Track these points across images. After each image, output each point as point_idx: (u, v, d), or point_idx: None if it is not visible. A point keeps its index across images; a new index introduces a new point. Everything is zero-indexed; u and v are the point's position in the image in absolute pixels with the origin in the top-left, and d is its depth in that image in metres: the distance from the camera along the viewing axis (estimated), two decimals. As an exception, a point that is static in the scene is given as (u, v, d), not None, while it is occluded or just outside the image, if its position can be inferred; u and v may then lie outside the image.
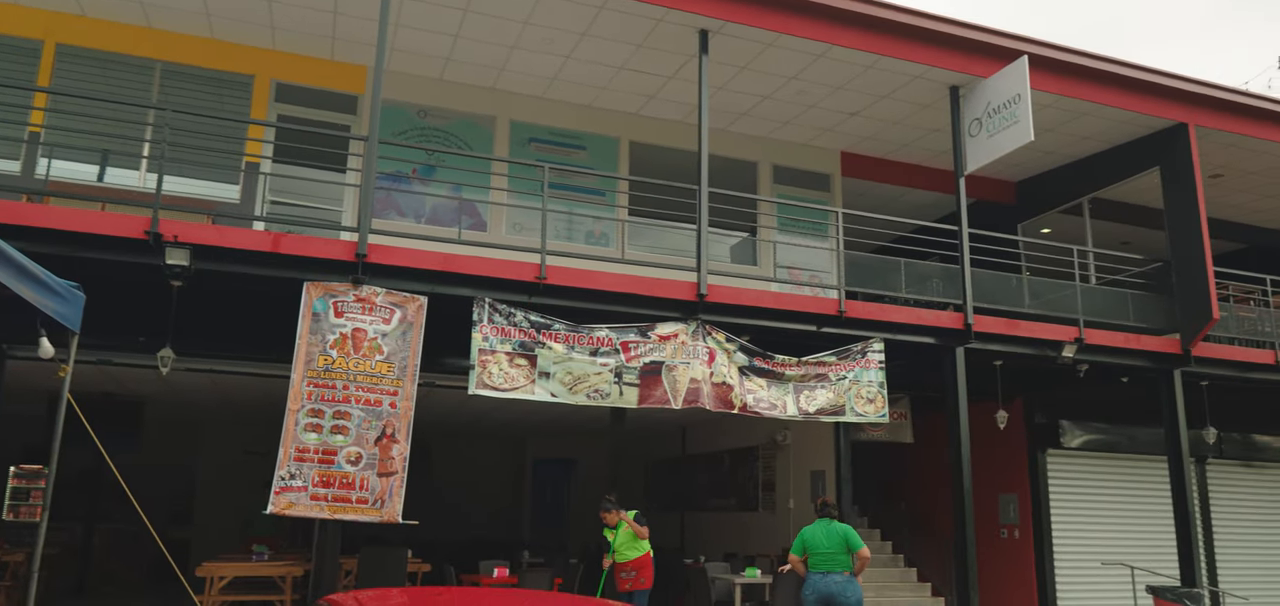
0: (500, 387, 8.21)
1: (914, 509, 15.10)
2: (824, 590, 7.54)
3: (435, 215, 10.78)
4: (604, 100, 11.56)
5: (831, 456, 12.38)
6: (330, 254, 7.93)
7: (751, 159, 12.54)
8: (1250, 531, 14.26)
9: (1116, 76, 11.04)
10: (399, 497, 7.71)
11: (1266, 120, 11.90)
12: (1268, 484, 14.62)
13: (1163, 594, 10.74)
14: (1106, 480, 13.65)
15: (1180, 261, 11.44)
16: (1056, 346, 10.71)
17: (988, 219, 12.94)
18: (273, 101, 10.40)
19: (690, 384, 8.76)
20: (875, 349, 9.78)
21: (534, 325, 8.44)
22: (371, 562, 10.14)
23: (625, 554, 8.73)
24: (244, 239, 7.81)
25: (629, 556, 8.69)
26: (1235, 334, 12.20)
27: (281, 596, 10.45)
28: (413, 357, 7.98)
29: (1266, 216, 14.88)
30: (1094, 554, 13.14)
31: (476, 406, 13.48)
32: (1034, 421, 13.37)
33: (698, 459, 17.18)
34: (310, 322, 7.74)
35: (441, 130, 11.11)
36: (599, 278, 8.78)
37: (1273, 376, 12.09)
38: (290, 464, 7.48)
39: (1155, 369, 11.47)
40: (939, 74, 10.51)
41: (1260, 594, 13.76)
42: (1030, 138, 9.71)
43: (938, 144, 12.34)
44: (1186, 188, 11.41)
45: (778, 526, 13.94)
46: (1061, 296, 11.34)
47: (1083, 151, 12.63)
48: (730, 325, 9.25)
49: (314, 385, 7.64)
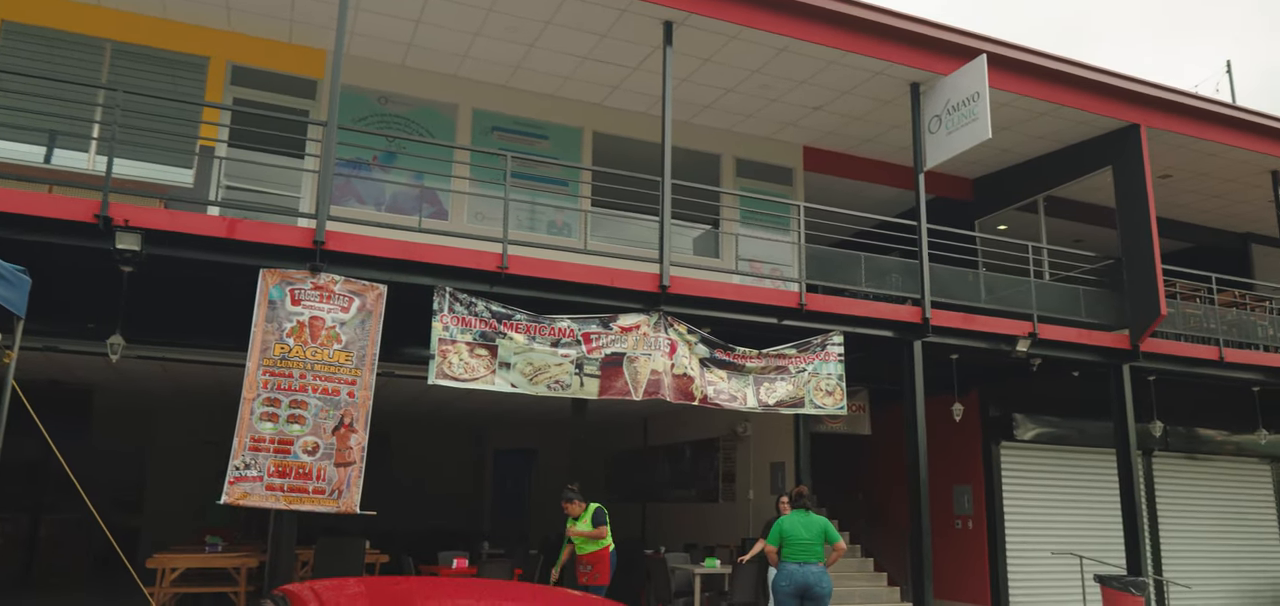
0: (460, 378, 8.16)
1: (871, 500, 15.32)
2: (800, 580, 7.61)
3: (396, 203, 10.66)
4: (568, 90, 11.51)
5: (791, 448, 12.51)
6: (287, 241, 7.80)
7: (715, 151, 12.58)
8: (1193, 521, 14.70)
9: (1072, 77, 11.27)
10: (357, 488, 7.62)
11: (1214, 122, 12.23)
12: (1210, 475, 15.07)
13: (1109, 582, 11.02)
14: (1057, 472, 13.97)
15: (1130, 259, 11.72)
16: (1011, 341, 10.91)
17: (946, 215, 13.14)
18: (228, 84, 10.20)
19: (651, 375, 8.78)
20: (835, 342, 9.88)
21: (495, 315, 8.40)
22: (328, 553, 10.02)
23: (584, 547, 8.71)
24: (198, 224, 7.65)
25: (587, 550, 8.68)
26: (1182, 330, 12.54)
27: (235, 588, 10.29)
28: (371, 347, 7.89)
29: (1212, 216, 15.31)
30: (1045, 543, 13.45)
31: (437, 396, 13.38)
32: (988, 414, 13.62)
33: (659, 450, 17.24)
34: (266, 310, 7.62)
35: (403, 117, 10.98)
36: (561, 268, 8.76)
37: (1217, 371, 12.45)
38: (245, 453, 7.36)
39: (1105, 363, 11.74)
40: (900, 70, 10.63)
41: (1201, 581, 14.19)
42: (988, 135, 9.86)
43: (898, 140, 12.49)
44: (1137, 187, 11.69)
45: (738, 517, 14.05)
46: (1016, 292, 11.56)
47: (1039, 150, 12.88)
48: (692, 317, 9.28)
49: (270, 374, 7.52)
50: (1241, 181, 13.71)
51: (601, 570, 8.55)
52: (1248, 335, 13.08)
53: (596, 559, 8.57)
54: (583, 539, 8.70)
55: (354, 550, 10.15)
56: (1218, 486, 15.09)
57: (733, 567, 9.87)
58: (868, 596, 12.42)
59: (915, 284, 10.45)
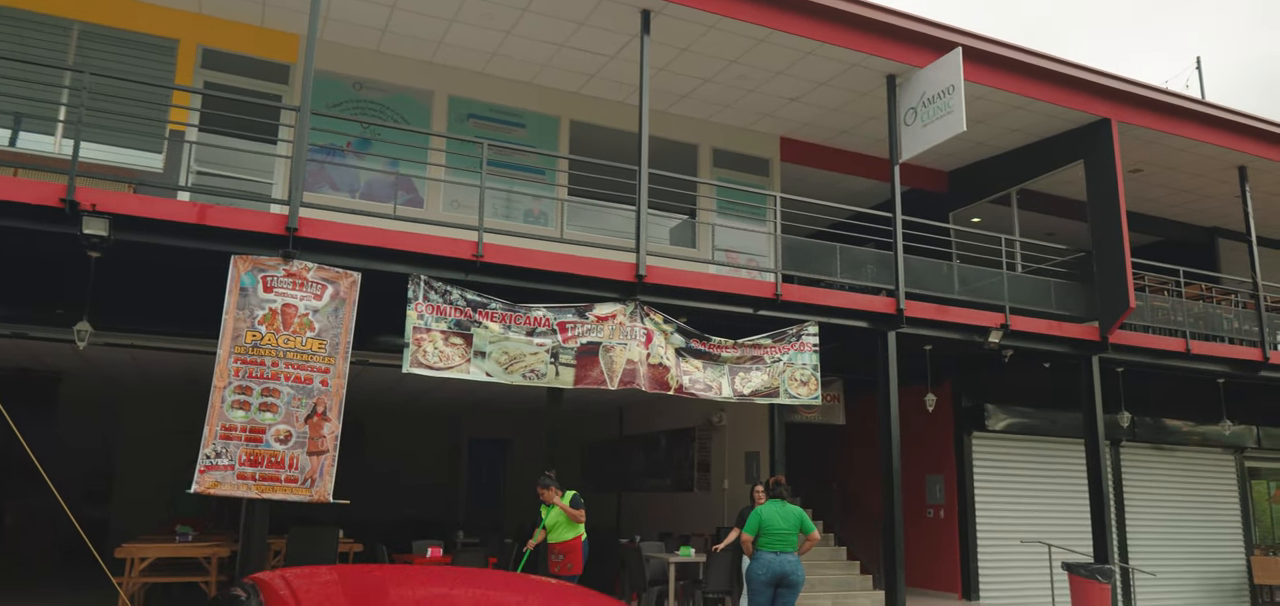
0: (435, 366, 8.11)
1: (845, 489, 15.45)
2: (777, 569, 7.66)
3: (370, 190, 10.57)
4: (545, 78, 11.46)
5: (766, 438, 12.59)
6: (259, 227, 7.71)
7: (692, 141, 12.58)
8: (1159, 510, 14.97)
9: (1046, 71, 11.38)
10: (330, 476, 7.57)
11: (1184, 118, 12.41)
12: (1176, 465, 15.35)
13: (1077, 570, 11.21)
14: (1028, 462, 14.16)
15: (1101, 252, 11.88)
16: (983, 332, 11.03)
17: (921, 207, 13.24)
18: (199, 68, 10.04)
19: (627, 365, 8.78)
20: (810, 332, 9.94)
21: (470, 303, 8.35)
22: (301, 542, 9.95)
23: (557, 535, 8.70)
24: (167, 209, 7.53)
25: (560, 538, 8.66)
26: (1150, 322, 12.74)
27: (206, 578, 10.19)
28: (345, 335, 7.83)
29: (1181, 211, 15.55)
30: (1015, 532, 13.64)
31: (411, 385, 13.31)
32: (961, 405, 13.77)
33: (635, 440, 17.27)
34: (238, 297, 7.53)
35: (377, 103, 10.88)
36: (537, 256, 8.73)
37: (1183, 363, 12.67)
38: (216, 442, 7.28)
39: (1075, 355, 11.91)
40: (876, 63, 10.69)
41: (1166, 568, 14.47)
42: (962, 128, 9.94)
43: (874, 132, 12.56)
44: (1108, 181, 11.84)
45: (712, 506, 14.12)
46: (989, 284, 11.68)
47: (1012, 143, 13.00)
48: (668, 306, 9.29)
49: (241, 362, 7.44)
50: (1209, 176, 13.93)
51: (574, 559, 8.55)
52: (1214, 327, 13.31)
53: (569, 548, 8.56)
54: (559, 525, 8.68)
55: (327, 539, 10.08)
56: (1183, 476, 15.37)
57: (707, 556, 9.92)
58: (841, 585, 12.53)
59: (890, 275, 10.53)
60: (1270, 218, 15.37)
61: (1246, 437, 15.81)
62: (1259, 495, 16.53)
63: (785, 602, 7.77)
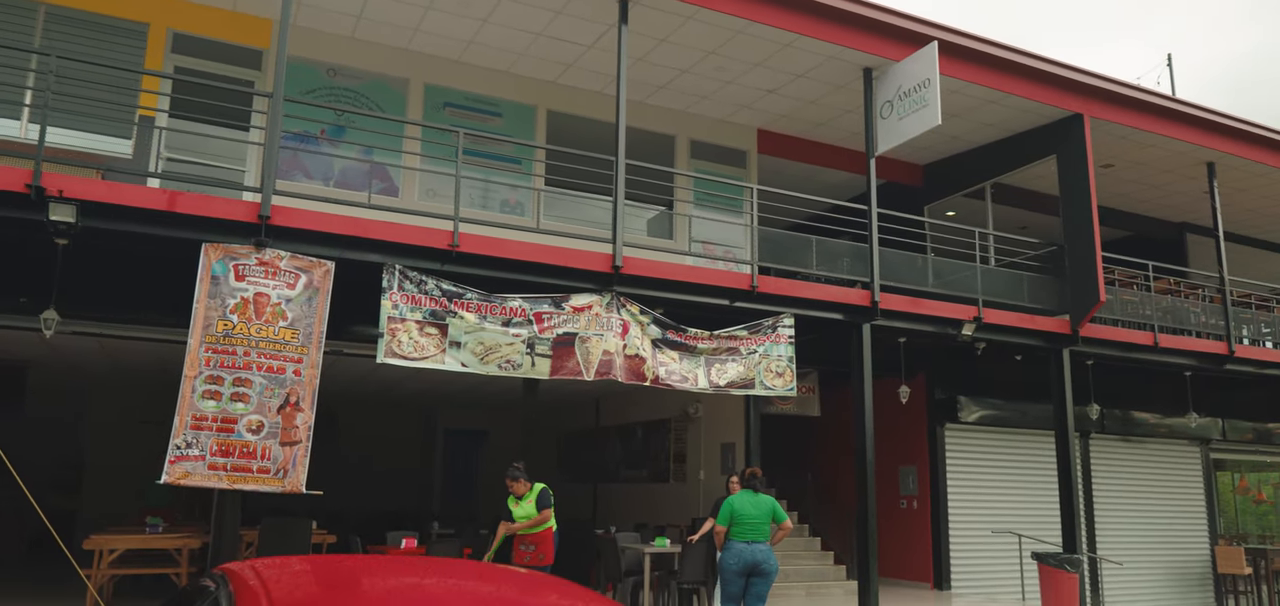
0: (410, 356, 8.06)
1: (819, 480, 15.55)
2: (748, 558, 7.70)
3: (344, 178, 10.47)
4: (521, 67, 11.40)
5: (741, 429, 12.64)
6: (231, 215, 7.62)
7: (669, 133, 12.57)
8: (1126, 501, 15.21)
9: (1020, 66, 11.48)
10: (303, 467, 7.50)
11: (1155, 114, 12.58)
12: (1143, 457, 15.61)
13: (1046, 559, 11.37)
14: (999, 453, 14.34)
15: (1072, 246, 12.02)
16: (957, 325, 11.14)
17: (896, 200, 13.32)
18: (169, 52, 9.89)
19: (603, 356, 8.78)
20: (785, 324, 9.98)
21: (446, 293, 8.31)
22: (273, 533, 9.87)
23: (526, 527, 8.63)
24: (136, 196, 7.41)
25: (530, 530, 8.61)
26: (1119, 316, 12.92)
27: (177, 570, 10.08)
28: (319, 324, 7.76)
29: (1150, 206, 15.78)
30: (986, 522, 13.80)
31: (386, 375, 13.22)
32: (934, 397, 13.91)
33: (611, 431, 17.28)
34: (209, 286, 7.43)
35: (352, 91, 10.77)
36: (513, 246, 8.69)
37: (1151, 356, 12.87)
38: (186, 432, 7.19)
39: (1046, 348, 12.05)
40: (853, 55, 10.73)
41: (1133, 557, 14.71)
42: (938, 122, 10.01)
43: (851, 125, 12.62)
44: (1080, 176, 11.98)
45: (688, 497, 14.17)
46: (962, 277, 11.79)
47: (986, 138, 13.11)
48: (645, 298, 9.29)
49: (213, 351, 7.35)
50: (1178, 172, 14.14)
51: (546, 549, 8.52)
52: (1181, 321, 13.53)
53: (541, 539, 8.52)
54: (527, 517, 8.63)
55: (300, 530, 10.00)
56: (1150, 467, 15.63)
57: (682, 547, 9.95)
58: (814, 575, 12.64)
59: (865, 268, 10.59)
60: (1237, 214, 15.63)
61: (1212, 430, 16.09)
62: (1224, 486, 16.85)
63: (757, 592, 7.82)
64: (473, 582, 2.99)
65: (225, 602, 2.56)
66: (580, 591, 3.10)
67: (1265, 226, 16.56)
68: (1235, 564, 14.54)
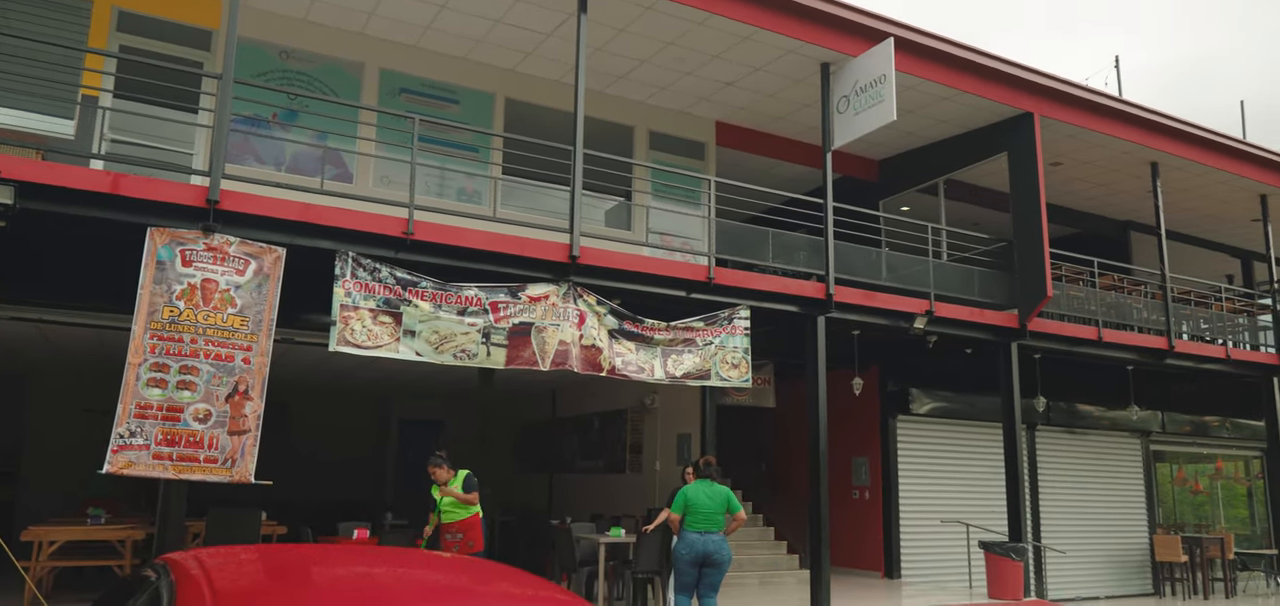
0: (363, 345, 7.96)
1: (774, 471, 15.71)
2: (701, 549, 7.74)
3: (297, 164, 10.28)
4: (479, 54, 11.29)
5: (697, 420, 12.70)
6: (178, 198, 7.44)
7: (628, 123, 12.56)
8: (1070, 491, 15.61)
9: (974, 64, 11.67)
10: (252, 456, 7.37)
11: (1102, 114, 12.88)
12: (1087, 448, 16.02)
13: (992, 548, 11.63)
14: (949, 444, 14.61)
15: (1021, 242, 12.28)
16: (909, 318, 11.31)
17: (852, 194, 13.48)
18: (114, 30, 9.61)
19: (559, 345, 8.75)
20: (741, 315, 10.05)
21: (400, 281, 8.21)
22: (221, 524, 9.69)
23: (452, 515, 8.60)
24: (78, 178, 7.20)
25: (455, 518, 8.57)
26: (1066, 311, 13.23)
27: (120, 561, 9.84)
28: (269, 311, 7.61)
29: (1097, 204, 16.17)
30: (935, 512, 14.07)
31: (339, 364, 13.04)
32: (887, 389, 14.12)
33: (567, 421, 17.25)
34: (154, 271, 7.25)
35: (305, 74, 10.57)
36: (470, 235, 8.62)
37: (1095, 351, 13.20)
38: (130, 420, 7.02)
39: (996, 341, 12.30)
40: (811, 50, 10.81)
41: (1075, 546, 15.11)
42: (893, 117, 10.14)
43: (808, 119, 12.72)
44: (1030, 174, 12.23)
45: (644, 487, 14.21)
46: (916, 271, 11.98)
47: (940, 134, 13.32)
48: (602, 288, 9.28)
49: (158, 338, 7.18)
50: (1124, 171, 14.50)
51: (474, 536, 8.49)
52: (1124, 317, 13.90)
53: (468, 526, 8.49)
54: (451, 506, 8.60)
55: (249, 521, 9.83)
56: (1093, 458, 16.06)
57: (637, 537, 9.98)
58: (768, 564, 12.77)
59: (821, 261, 10.70)
60: (1179, 213, 16.09)
61: (1152, 422, 16.58)
62: (1163, 477, 17.38)
63: (711, 581, 7.88)
64: (422, 571, 2.96)
65: (166, 593, 2.50)
66: (532, 579, 3.09)
67: (1205, 225, 17.08)
68: (1172, 552, 15.01)
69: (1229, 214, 16.37)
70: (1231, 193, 15.26)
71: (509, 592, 2.88)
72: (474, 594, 2.79)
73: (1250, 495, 18.86)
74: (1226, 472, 18.56)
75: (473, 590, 2.85)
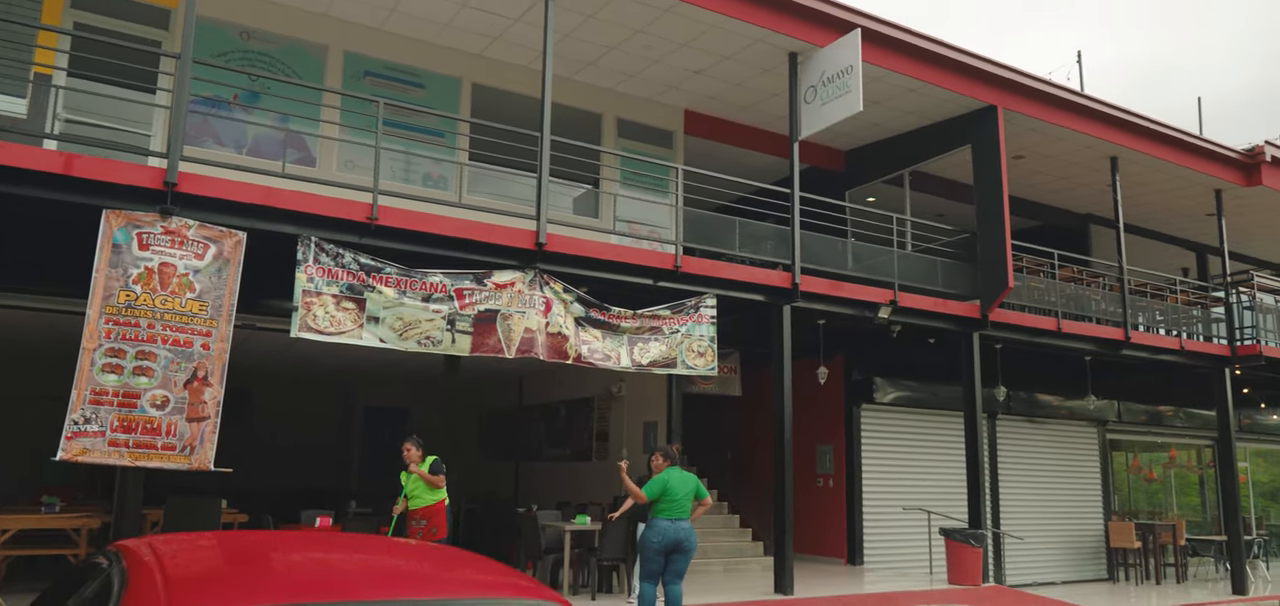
0: (326, 331, 7.86)
1: (739, 458, 15.80)
2: (672, 536, 7.78)
3: (258, 146, 10.10)
4: (446, 38, 11.16)
5: (664, 408, 12.73)
6: (134, 180, 7.28)
7: (596, 111, 12.51)
8: (1029, 479, 15.90)
9: (939, 57, 11.78)
10: (211, 443, 7.26)
11: (1064, 109, 13.08)
12: (1046, 437, 16.32)
13: (952, 535, 11.81)
14: (912, 433, 14.80)
15: (984, 234, 12.44)
16: (874, 307, 11.42)
17: (819, 185, 13.56)
18: (68, 7, 9.35)
19: (525, 333, 8.72)
20: (708, 304, 10.07)
21: (364, 267, 8.12)
22: (179, 512, 9.54)
23: (418, 501, 8.58)
24: (29, 158, 7.01)
25: (421, 503, 8.55)
26: (1026, 302, 13.44)
27: (76, 550, 9.65)
28: (229, 297, 7.49)
29: (1058, 197, 16.43)
30: (898, 499, 14.25)
31: (301, 350, 12.87)
32: (852, 378, 14.25)
33: (534, 409, 17.20)
34: (110, 254, 7.09)
35: (267, 55, 10.38)
36: (435, 221, 8.54)
37: (1055, 341, 13.43)
38: (85, 407, 6.87)
39: (958, 331, 12.46)
40: (779, 39, 10.84)
41: (1033, 533, 15.40)
42: (859, 108, 10.21)
43: (776, 109, 12.76)
44: (993, 166, 12.39)
45: (610, 475, 14.19)
46: (881, 261, 12.09)
47: (906, 126, 13.44)
48: (568, 275, 9.25)
49: (114, 323, 7.03)
50: (1085, 165, 14.74)
51: (438, 523, 8.47)
52: (1083, 308, 14.15)
53: (432, 513, 8.47)
54: (418, 491, 8.56)
55: (209, 509, 9.69)
56: (1052, 447, 16.37)
57: (603, 524, 9.99)
58: (733, 551, 12.85)
59: (787, 250, 10.75)
60: (1137, 207, 16.41)
61: (1109, 412, 16.92)
62: (1119, 465, 17.77)
63: (677, 568, 7.92)
64: (382, 557, 2.94)
65: (118, 580, 2.46)
66: (496, 566, 3.08)
67: (1162, 219, 17.43)
68: (1126, 538, 15.36)
69: (1185, 208, 16.73)
70: (1187, 187, 15.59)
71: (472, 579, 2.86)
72: (436, 580, 2.77)
73: (1202, 483, 19.35)
74: (1180, 461, 19.02)
75: (435, 576, 2.84)
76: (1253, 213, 16.87)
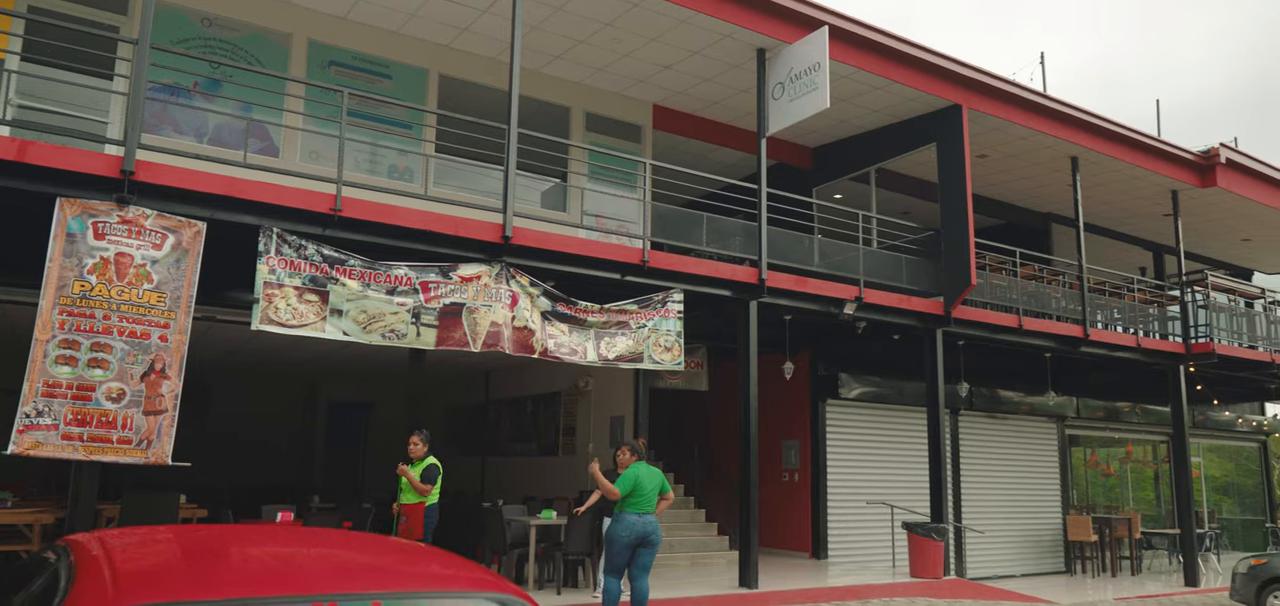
0: (288, 324, 7.75)
1: (706, 453, 15.86)
2: (640, 530, 7.80)
3: (219, 135, 9.93)
4: (413, 28, 11.05)
5: (631, 402, 12.73)
6: (90, 168, 7.11)
7: (565, 104, 12.46)
8: (990, 473, 16.14)
9: (905, 55, 11.89)
10: (169, 437, 7.13)
11: (1027, 108, 13.27)
12: (1007, 432, 16.57)
13: (915, 528, 11.96)
14: (876, 428, 14.95)
15: (948, 231, 12.59)
16: (839, 303, 11.51)
17: (786, 181, 13.64)
18: (22, -11, 9.12)
19: (491, 327, 8.67)
20: (675, 299, 10.09)
21: (327, 259, 8.01)
22: (136, 508, 9.35)
23: (405, 497, 8.56)
24: (-19, 143, 6.83)
25: (407, 500, 8.52)
26: (989, 299, 13.63)
27: (28, 546, 9.43)
28: (187, 288, 7.36)
29: (1020, 196, 16.67)
30: (862, 494, 14.39)
31: (263, 343, 12.70)
32: (817, 373, 14.35)
33: (501, 403, 17.13)
34: (64, 244, 6.93)
35: (229, 42, 10.21)
36: (400, 213, 8.45)
37: (1016, 338, 13.64)
38: (37, 399, 6.72)
39: (922, 328, 12.61)
40: (747, 35, 10.87)
41: (994, 526, 15.64)
42: (826, 105, 10.27)
43: (744, 105, 12.81)
44: (957, 164, 12.54)
45: (576, 470, 14.19)
46: (846, 258, 12.19)
47: (873, 123, 13.55)
48: (535, 269, 9.21)
49: (67, 314, 6.87)
50: (1046, 165, 14.98)
51: (415, 522, 8.43)
52: (1043, 306, 14.38)
53: (412, 511, 8.44)
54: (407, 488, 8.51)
55: (166, 504, 9.51)
56: (1012, 442, 16.62)
57: (568, 519, 9.97)
58: (698, 545, 12.90)
59: (754, 246, 10.80)
60: (1097, 206, 16.71)
61: (1068, 408, 17.23)
62: (1077, 460, 18.11)
63: (643, 562, 7.94)
64: (338, 550, 2.90)
65: (65, 574, 2.40)
66: (458, 560, 3.06)
67: (1120, 219, 17.77)
68: (1084, 532, 15.65)
69: (1143, 208, 17.07)
70: (1145, 188, 15.90)
71: (434, 573, 2.84)
72: (394, 573, 2.75)
73: (1157, 478, 19.79)
74: (1136, 456, 19.42)
75: (393, 570, 2.81)
76: (1208, 213, 17.26)
